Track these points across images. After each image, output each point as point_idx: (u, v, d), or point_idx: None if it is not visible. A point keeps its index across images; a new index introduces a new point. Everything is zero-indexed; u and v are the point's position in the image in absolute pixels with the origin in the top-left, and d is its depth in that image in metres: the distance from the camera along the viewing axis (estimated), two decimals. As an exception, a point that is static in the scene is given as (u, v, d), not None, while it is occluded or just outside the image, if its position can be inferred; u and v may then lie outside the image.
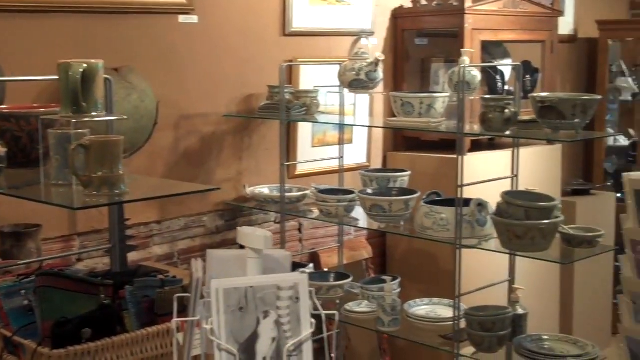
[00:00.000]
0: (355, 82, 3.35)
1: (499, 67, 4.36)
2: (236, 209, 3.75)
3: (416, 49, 4.35)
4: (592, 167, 5.41)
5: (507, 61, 4.46)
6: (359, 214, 3.34)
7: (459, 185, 2.91)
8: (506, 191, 2.83)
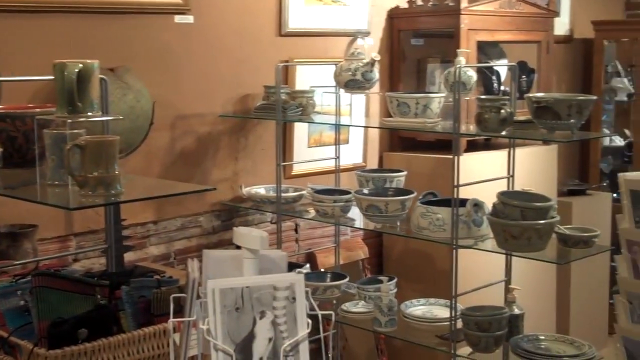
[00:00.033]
0: (351, 83, 3.35)
1: (494, 68, 4.36)
2: (232, 209, 3.74)
3: (412, 49, 4.35)
4: (588, 168, 5.41)
5: (503, 61, 4.47)
6: (355, 214, 3.34)
7: (455, 185, 2.91)
8: (502, 191, 2.83)
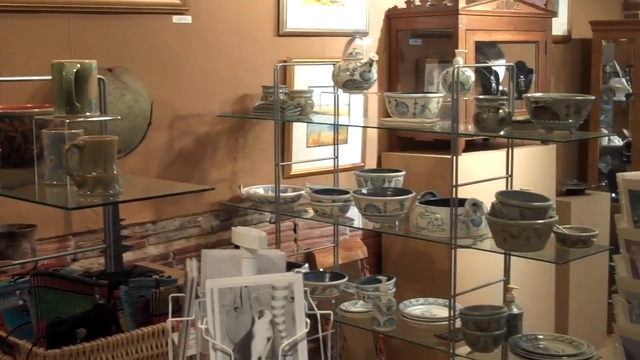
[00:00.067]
0: (349, 83, 3.35)
1: (493, 68, 4.37)
2: (231, 209, 3.74)
3: (410, 49, 4.35)
4: (587, 167, 5.42)
5: (501, 62, 4.47)
6: (354, 214, 3.34)
7: (453, 185, 2.92)
8: (501, 191, 2.83)
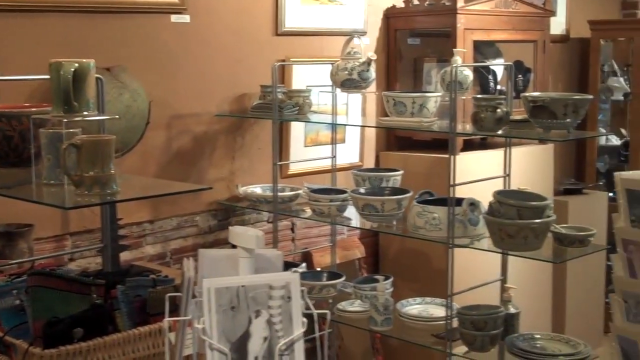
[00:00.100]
0: (347, 82, 3.35)
1: (491, 67, 4.37)
2: (229, 209, 3.74)
3: (408, 48, 4.35)
4: (584, 167, 5.42)
5: (499, 61, 4.47)
6: (352, 213, 3.34)
7: (451, 184, 2.92)
8: (498, 190, 2.83)
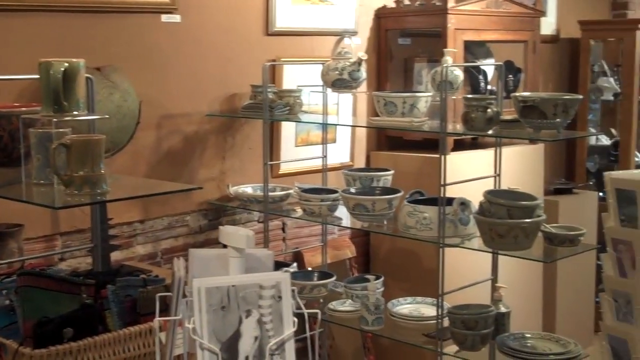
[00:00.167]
0: (338, 82, 3.35)
1: (481, 67, 4.37)
2: (220, 209, 3.74)
3: (399, 48, 4.35)
4: (575, 166, 5.44)
5: (490, 61, 4.48)
6: (343, 213, 3.34)
7: (441, 184, 2.92)
8: (489, 190, 2.84)
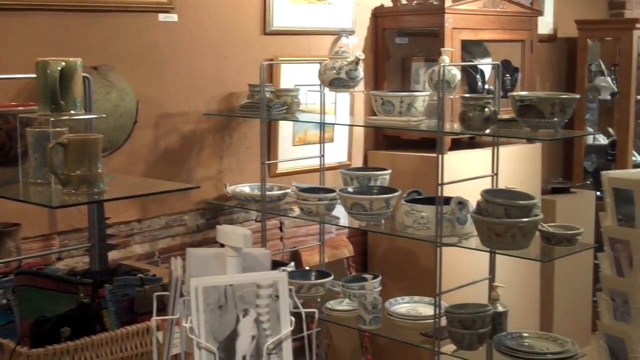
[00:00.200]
0: (335, 81, 3.35)
1: (478, 66, 4.37)
2: (217, 208, 3.74)
3: (396, 48, 4.35)
4: (572, 166, 5.44)
5: (487, 60, 4.48)
6: (340, 212, 3.34)
7: (439, 183, 2.92)
8: (486, 189, 2.84)
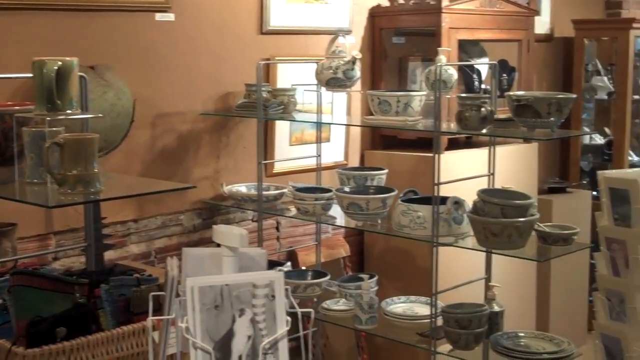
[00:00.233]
0: (332, 81, 3.35)
1: (475, 66, 4.37)
2: (214, 208, 3.74)
3: (393, 47, 4.35)
4: (568, 166, 5.45)
5: (484, 60, 4.48)
6: (337, 212, 3.34)
7: (435, 183, 2.92)
8: (482, 189, 2.84)
